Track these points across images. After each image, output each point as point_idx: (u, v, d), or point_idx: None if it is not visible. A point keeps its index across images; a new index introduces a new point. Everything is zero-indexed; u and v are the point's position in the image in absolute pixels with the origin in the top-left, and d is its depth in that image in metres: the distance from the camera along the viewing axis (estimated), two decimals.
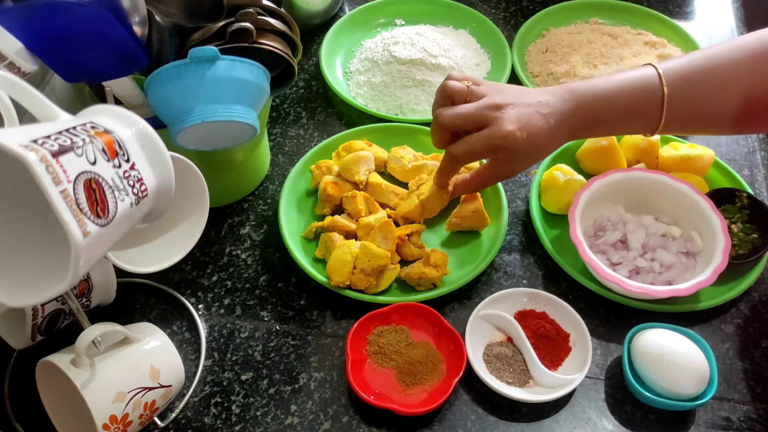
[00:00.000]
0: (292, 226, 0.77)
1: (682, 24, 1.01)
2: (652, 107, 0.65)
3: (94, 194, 0.38)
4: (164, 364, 0.59)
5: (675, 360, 0.62)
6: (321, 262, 0.74)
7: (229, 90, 0.61)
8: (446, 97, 0.68)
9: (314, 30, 1.03)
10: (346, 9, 1.07)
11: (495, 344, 0.68)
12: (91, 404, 0.53)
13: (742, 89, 0.64)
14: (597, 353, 0.68)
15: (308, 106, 0.93)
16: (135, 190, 0.42)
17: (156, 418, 0.64)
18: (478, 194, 0.76)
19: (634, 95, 0.65)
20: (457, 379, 0.63)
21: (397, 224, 0.75)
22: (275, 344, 0.70)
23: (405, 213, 0.75)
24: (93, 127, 0.41)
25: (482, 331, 0.69)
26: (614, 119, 0.66)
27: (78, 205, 0.36)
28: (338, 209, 0.79)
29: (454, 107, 0.67)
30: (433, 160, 0.81)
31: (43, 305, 0.61)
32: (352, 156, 0.78)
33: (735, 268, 0.72)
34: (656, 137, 0.80)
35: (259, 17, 0.64)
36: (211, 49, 0.59)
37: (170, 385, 0.60)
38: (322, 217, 0.78)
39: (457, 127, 0.67)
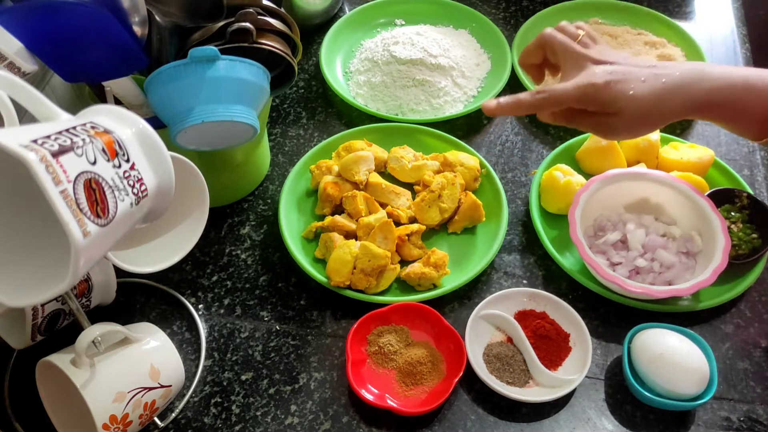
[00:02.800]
0: (292, 226, 0.77)
1: (682, 24, 1.01)
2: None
3: (94, 194, 0.38)
4: (164, 364, 0.59)
5: (675, 360, 0.62)
6: (321, 262, 0.74)
7: (229, 90, 0.61)
8: (558, 28, 0.66)
9: (314, 30, 1.03)
10: (346, 9, 1.07)
11: (495, 344, 0.68)
12: (91, 404, 0.53)
13: None
14: (597, 353, 0.68)
15: (308, 106, 0.93)
16: (135, 190, 0.42)
17: (156, 418, 0.64)
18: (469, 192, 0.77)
19: None
20: (457, 379, 0.63)
21: (397, 224, 0.75)
22: (275, 344, 0.70)
23: (427, 223, 0.76)
24: (93, 127, 0.41)
25: (482, 331, 0.69)
26: (744, 106, 0.61)
27: (78, 205, 0.36)
28: (338, 209, 0.79)
29: (562, 35, 0.65)
30: (433, 160, 0.81)
31: (43, 305, 0.61)
32: (352, 156, 0.78)
33: (735, 268, 0.72)
34: (656, 136, 0.80)
35: (259, 17, 0.64)
36: (211, 49, 0.59)
37: (170, 385, 0.60)
38: (322, 217, 0.78)
39: (552, 45, 0.65)
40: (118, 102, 0.64)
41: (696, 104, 0.61)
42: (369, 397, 0.63)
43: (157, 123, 0.62)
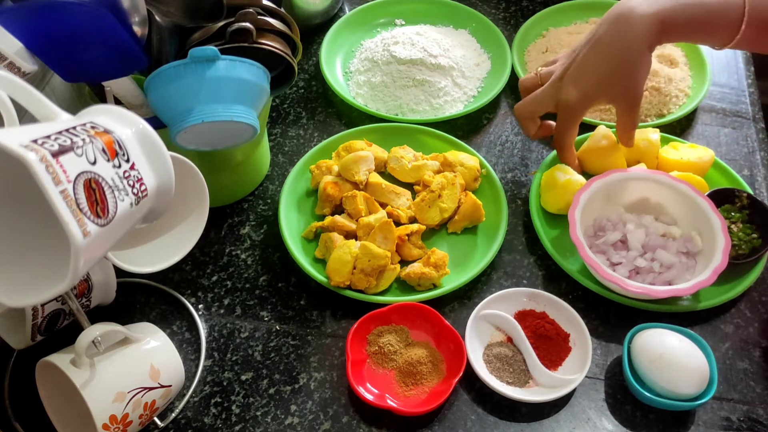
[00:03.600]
0: (292, 226, 0.77)
1: None
2: (731, 13, 0.66)
3: (94, 194, 0.38)
4: (164, 364, 0.59)
5: (675, 360, 0.62)
6: (321, 262, 0.74)
7: (229, 90, 0.61)
8: (523, 91, 0.74)
9: (314, 30, 1.03)
10: (346, 9, 1.07)
11: (495, 344, 0.68)
12: (91, 404, 0.53)
13: None
14: (597, 353, 0.68)
15: (308, 106, 0.93)
16: (135, 190, 0.42)
17: (156, 418, 0.64)
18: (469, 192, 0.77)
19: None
20: (457, 379, 0.63)
21: (397, 224, 0.75)
22: (275, 344, 0.70)
23: (427, 223, 0.76)
24: (93, 127, 0.41)
25: (482, 331, 0.69)
26: (693, 23, 0.67)
27: (78, 205, 0.36)
28: (338, 209, 0.79)
29: (526, 98, 0.73)
30: (433, 160, 0.81)
31: (43, 305, 0.61)
32: (352, 156, 0.78)
33: (735, 268, 0.72)
34: (656, 136, 0.80)
35: (259, 17, 0.64)
36: (211, 49, 0.59)
37: (170, 385, 0.60)
38: (322, 217, 0.78)
39: (532, 115, 0.74)
40: (118, 102, 0.64)
41: (661, 34, 0.67)
42: (369, 397, 0.63)
43: (157, 123, 0.62)
